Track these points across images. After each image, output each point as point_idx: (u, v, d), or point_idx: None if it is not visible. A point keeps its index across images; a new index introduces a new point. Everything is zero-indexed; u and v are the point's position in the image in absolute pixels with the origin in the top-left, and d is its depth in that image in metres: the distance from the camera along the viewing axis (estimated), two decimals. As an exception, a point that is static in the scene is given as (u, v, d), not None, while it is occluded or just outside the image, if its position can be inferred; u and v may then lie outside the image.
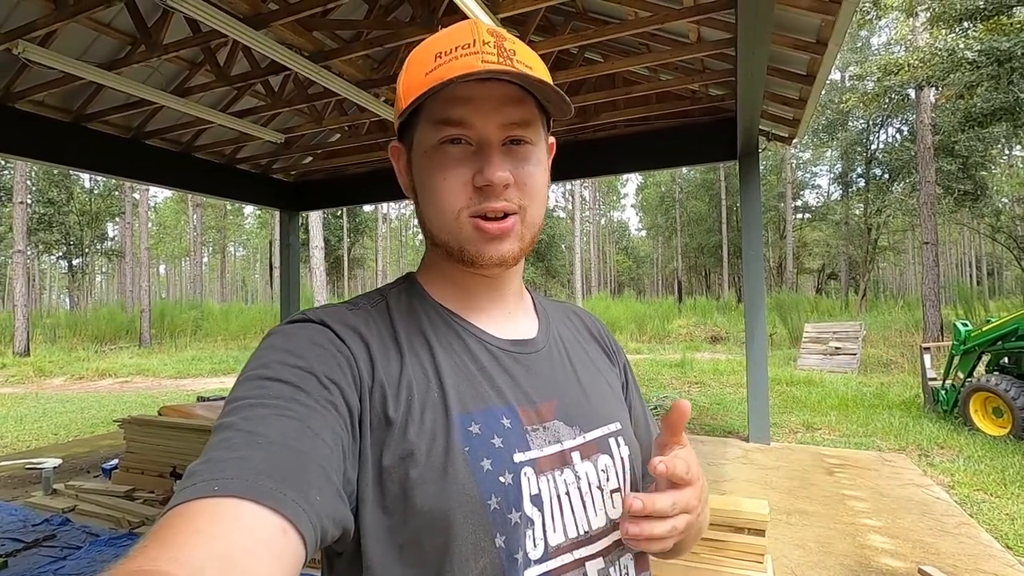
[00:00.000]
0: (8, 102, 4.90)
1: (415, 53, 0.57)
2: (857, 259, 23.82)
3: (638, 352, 14.64)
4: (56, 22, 3.89)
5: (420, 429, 0.50)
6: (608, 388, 0.67)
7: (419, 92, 0.53)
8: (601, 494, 0.57)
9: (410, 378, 0.53)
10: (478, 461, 0.50)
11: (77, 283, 34.60)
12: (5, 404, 9.42)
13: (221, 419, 0.45)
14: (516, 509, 0.51)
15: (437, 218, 0.57)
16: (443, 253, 0.59)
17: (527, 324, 0.65)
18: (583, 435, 0.59)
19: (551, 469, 0.54)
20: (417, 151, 0.58)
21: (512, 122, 0.55)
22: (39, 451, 6.07)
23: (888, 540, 3.38)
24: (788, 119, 5.66)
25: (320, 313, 0.55)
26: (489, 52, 0.52)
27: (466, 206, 0.55)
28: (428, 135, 0.56)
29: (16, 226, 17.73)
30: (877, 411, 7.11)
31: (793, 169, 31.87)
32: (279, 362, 0.48)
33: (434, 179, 0.56)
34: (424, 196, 0.58)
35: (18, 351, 16.44)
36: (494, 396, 0.55)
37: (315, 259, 16.60)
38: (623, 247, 59.03)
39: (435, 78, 0.52)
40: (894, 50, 20.12)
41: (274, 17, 3.93)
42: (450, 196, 0.55)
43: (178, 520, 0.36)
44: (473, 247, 0.56)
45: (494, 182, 0.54)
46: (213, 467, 0.40)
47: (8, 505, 4.20)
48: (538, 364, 0.61)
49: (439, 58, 0.53)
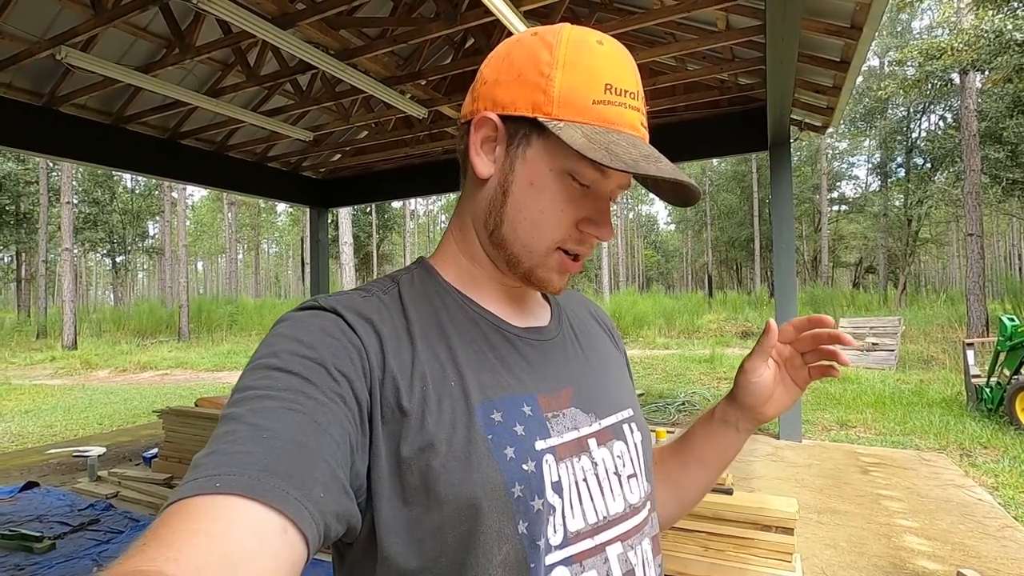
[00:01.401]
0: (53, 106, 5.12)
1: (579, 54, 0.53)
2: (896, 252, 22.98)
3: (666, 347, 14.45)
4: (96, 27, 4.04)
5: (439, 419, 0.50)
6: (619, 374, 0.68)
7: (585, 119, 0.52)
8: (618, 479, 0.58)
9: (423, 368, 0.52)
10: (501, 449, 0.50)
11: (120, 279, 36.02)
12: (55, 395, 9.89)
13: (228, 409, 0.44)
14: (539, 496, 0.51)
15: (527, 234, 0.56)
16: (498, 255, 0.58)
17: (540, 312, 0.66)
18: (599, 421, 0.59)
19: (570, 456, 0.55)
20: (534, 160, 0.55)
21: (627, 183, 0.58)
22: (85, 440, 6.36)
23: (925, 542, 3.27)
24: (822, 107, 5.48)
25: (332, 301, 0.54)
26: (643, 112, 0.56)
27: (563, 241, 0.56)
28: (563, 159, 0.54)
29: (64, 225, 18.54)
30: (916, 409, 6.86)
31: (829, 159, 30.90)
32: (289, 351, 0.48)
33: (549, 202, 0.55)
34: (521, 207, 0.56)
35: (66, 344, 17.24)
36: (513, 383, 0.55)
37: (344, 255, 16.89)
38: (651, 241, 58.29)
39: (606, 119, 0.52)
40: (936, 33, 19.27)
41: (301, 16, 4.00)
42: (555, 228, 0.56)
43: (177, 518, 0.36)
44: (546, 274, 0.58)
45: (605, 240, 0.57)
46: (217, 460, 0.40)
47: (57, 490, 4.42)
48: (553, 351, 0.61)
49: (609, 91, 0.52)
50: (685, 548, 2.77)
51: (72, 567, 3.12)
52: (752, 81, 5.46)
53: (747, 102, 5.70)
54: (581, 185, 0.55)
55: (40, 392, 10.15)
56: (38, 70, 4.86)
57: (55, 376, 12.74)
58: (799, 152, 29.79)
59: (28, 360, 15.12)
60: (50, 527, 3.67)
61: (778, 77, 3.97)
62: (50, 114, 5.16)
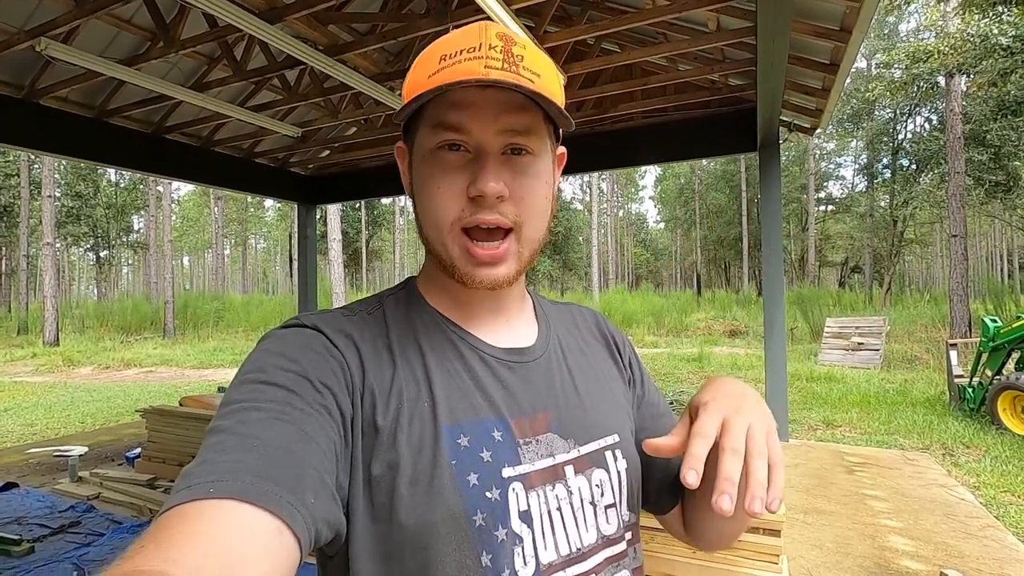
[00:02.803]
0: (33, 98, 5.00)
1: (422, 54, 0.56)
2: (882, 252, 23.28)
3: (655, 346, 14.54)
4: (77, 19, 3.95)
5: (408, 440, 0.50)
6: (610, 396, 0.65)
7: (420, 93, 0.52)
8: (593, 509, 0.56)
9: (401, 387, 0.52)
10: (464, 475, 0.49)
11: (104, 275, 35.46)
12: (36, 393, 9.71)
13: (216, 422, 0.45)
14: (503, 526, 0.49)
15: (431, 228, 0.56)
16: (437, 263, 0.58)
17: (526, 331, 0.64)
18: (578, 448, 0.57)
19: (542, 484, 0.53)
20: (417, 154, 0.57)
21: (512, 129, 0.53)
22: (67, 439, 6.25)
23: (909, 542, 3.31)
24: (811, 109, 5.51)
25: (314, 318, 0.55)
26: (494, 58, 0.50)
27: (459, 217, 0.54)
28: (427, 138, 0.55)
29: (45, 219, 18.20)
30: (900, 408, 6.95)
31: (817, 160, 31.22)
32: (274, 366, 0.48)
33: (429, 186, 0.55)
34: (420, 202, 0.57)
35: (48, 341, 16.94)
36: (486, 407, 0.54)
37: (333, 251, 16.77)
38: (641, 239, 58.56)
39: (436, 81, 0.51)
40: (923, 36, 19.49)
41: (289, 11, 3.93)
42: (444, 205, 0.54)
43: (174, 521, 0.36)
44: (464, 267, 0.55)
45: (486, 193, 0.52)
46: (208, 469, 0.40)
47: (36, 491, 4.34)
48: (534, 373, 0.60)
49: (443, 60, 0.52)
50: (672, 550, 2.77)
51: (52, 571, 3.06)
52: (743, 82, 5.47)
53: (737, 103, 5.72)
54: (454, 151, 0.54)
55: (20, 389, 9.97)
56: (18, 62, 4.74)
57: (36, 373, 12.52)
58: (787, 152, 30.04)
59: (8, 357, 14.84)
60: (29, 529, 3.59)
61: (768, 78, 3.98)
62: (31, 107, 5.05)
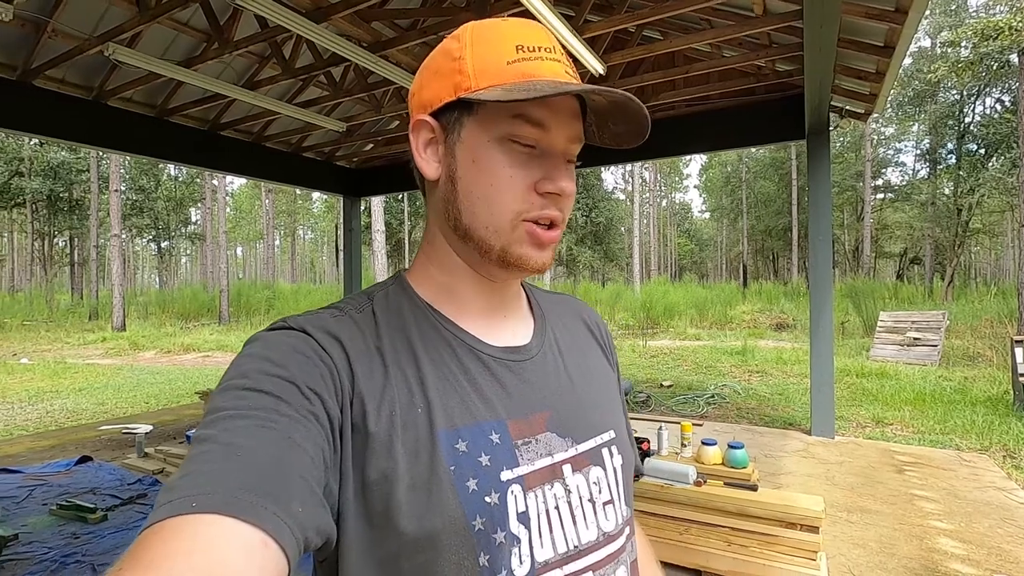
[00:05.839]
0: (101, 99, 5.35)
1: (484, 31, 0.54)
2: (944, 243, 21.98)
3: (697, 338, 14.25)
4: (140, 24, 4.19)
5: (404, 446, 0.49)
6: (605, 392, 0.65)
7: (503, 80, 0.51)
8: (592, 507, 0.56)
9: (393, 390, 0.51)
10: (464, 481, 0.49)
11: (165, 264, 37.40)
12: (105, 374, 10.43)
13: (200, 431, 0.43)
14: (501, 529, 0.49)
15: (486, 213, 0.54)
16: (469, 249, 0.56)
17: (522, 328, 0.63)
18: (576, 447, 0.57)
19: (540, 484, 0.53)
20: (470, 138, 0.54)
21: (577, 137, 0.55)
22: (133, 418, 6.71)
23: (960, 544, 3.18)
24: (864, 94, 5.27)
25: (301, 321, 0.53)
26: (568, 64, 0.53)
27: (526, 210, 0.54)
28: (499, 125, 0.52)
29: (112, 212, 19.35)
30: (958, 407, 6.62)
31: (874, 145, 29.65)
32: (259, 371, 0.47)
33: (497, 173, 0.53)
34: (472, 188, 0.54)
35: (116, 326, 18.09)
36: (483, 409, 0.53)
37: (377, 242, 17.17)
38: (685, 230, 57.23)
39: (523, 73, 0.51)
40: (995, 12, 18.16)
41: (334, 10, 4.07)
42: (510, 197, 0.53)
43: (155, 539, 0.35)
44: (521, 250, 0.55)
45: (565, 192, 0.54)
46: (191, 481, 0.39)
47: (108, 465, 4.70)
48: (531, 372, 0.59)
49: (521, 51, 0.51)
50: (708, 543, 2.78)
51: (122, 538, 3.33)
52: (790, 68, 5.29)
53: (784, 89, 5.53)
54: (526, 147, 0.53)
55: (92, 371, 10.72)
56: (88, 66, 5.08)
57: (106, 356, 13.40)
58: (841, 138, 28.68)
59: (81, 341, 15.93)
60: (102, 499, 3.90)
61: (816, 64, 3.84)
62: (99, 107, 5.40)
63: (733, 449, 3.13)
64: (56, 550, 3.14)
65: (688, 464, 3.11)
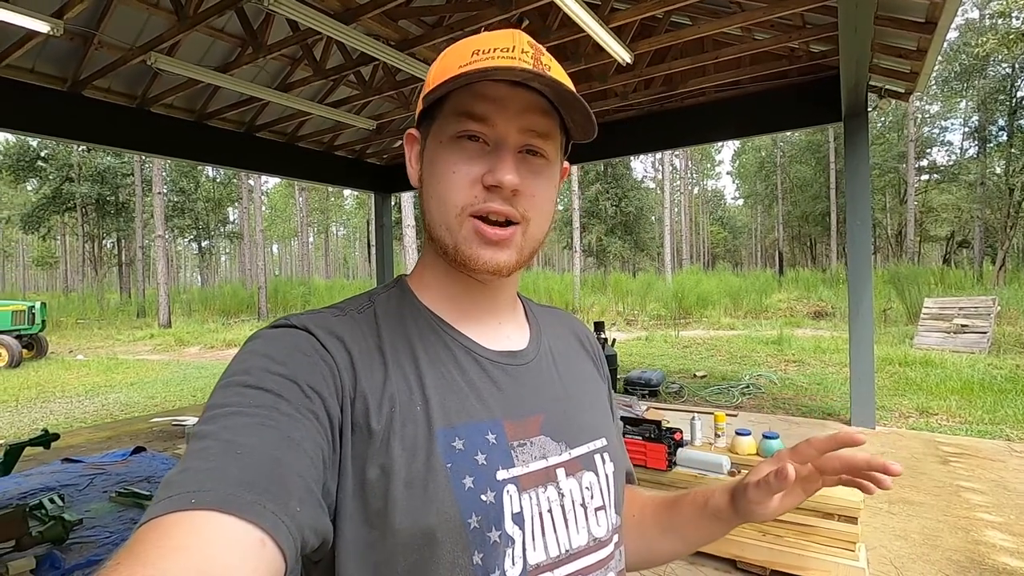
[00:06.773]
0: (144, 106, 5.59)
1: (451, 48, 0.56)
2: (995, 225, 20.95)
3: (732, 328, 14.00)
4: (179, 33, 4.36)
5: (402, 443, 0.49)
6: (596, 401, 0.67)
7: (454, 76, 0.52)
8: (584, 512, 0.56)
9: (393, 389, 0.51)
10: (460, 479, 0.49)
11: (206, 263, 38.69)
12: (154, 369, 10.92)
13: (200, 427, 0.43)
14: (496, 528, 0.50)
15: (438, 211, 0.56)
16: (438, 251, 0.58)
17: (518, 334, 0.64)
18: (569, 451, 0.58)
19: (535, 486, 0.54)
20: (433, 141, 0.57)
21: (533, 130, 0.55)
22: (182, 410, 7.02)
23: (1008, 537, 3.08)
24: (904, 72, 5.07)
25: (304, 319, 0.53)
26: (526, 61, 0.52)
27: (470, 203, 0.54)
28: (448, 126, 0.55)
29: (156, 213, 20.15)
30: (1009, 396, 6.35)
31: (918, 125, 28.39)
32: (261, 368, 0.47)
33: (444, 171, 0.55)
34: (429, 187, 0.57)
35: (162, 323, 18.89)
36: (480, 409, 0.54)
37: (407, 237, 17.37)
38: (718, 217, 56.04)
39: (469, 70, 0.51)
40: (1051, -23, 17.06)
41: (363, 11, 4.14)
42: (456, 190, 0.54)
43: (153, 535, 0.35)
44: (468, 248, 0.55)
45: (504, 183, 0.53)
46: (190, 478, 0.38)
47: (160, 455, 4.95)
48: (527, 376, 0.60)
49: (476, 55, 0.53)
50: (742, 532, 2.76)
51: (177, 523, 3.51)
52: (825, 48, 5.12)
53: (819, 71, 5.37)
54: (477, 143, 0.54)
55: (142, 366, 11.24)
56: (131, 74, 5.30)
57: (154, 352, 14.02)
58: (883, 118, 27.56)
59: (131, 337, 16.69)
60: (157, 487, 4.11)
61: (852, 43, 3.72)
62: (143, 114, 5.64)
63: (768, 439, 3.10)
64: (117, 534, 3.33)
65: (722, 454, 3.09)
